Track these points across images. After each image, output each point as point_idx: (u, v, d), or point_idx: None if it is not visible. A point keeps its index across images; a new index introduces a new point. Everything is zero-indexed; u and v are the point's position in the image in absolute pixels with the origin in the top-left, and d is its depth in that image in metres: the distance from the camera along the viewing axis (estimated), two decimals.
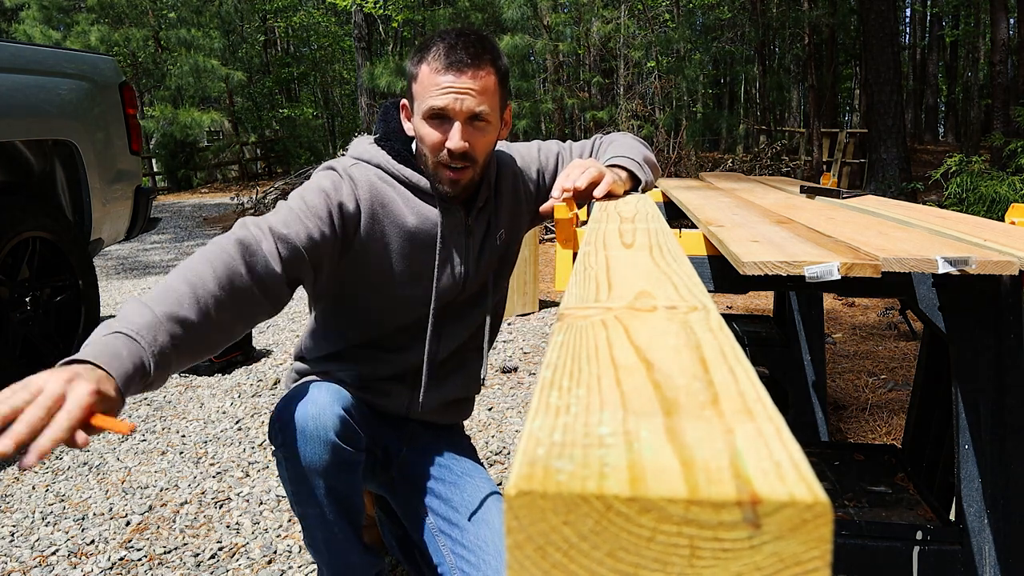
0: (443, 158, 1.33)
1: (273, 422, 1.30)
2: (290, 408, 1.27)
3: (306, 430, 1.25)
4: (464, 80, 1.28)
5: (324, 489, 1.29)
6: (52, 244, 3.27)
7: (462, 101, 1.29)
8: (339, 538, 1.36)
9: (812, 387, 2.42)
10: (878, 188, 9.19)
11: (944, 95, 24.43)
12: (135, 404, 3.14)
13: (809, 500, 0.25)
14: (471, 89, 1.29)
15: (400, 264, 1.41)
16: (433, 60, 1.30)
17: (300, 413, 1.25)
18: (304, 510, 1.33)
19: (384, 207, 1.38)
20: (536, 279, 4.64)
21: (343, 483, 1.31)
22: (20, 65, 3.10)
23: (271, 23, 20.53)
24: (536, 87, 13.60)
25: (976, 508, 1.19)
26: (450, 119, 1.30)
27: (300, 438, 1.25)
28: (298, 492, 1.31)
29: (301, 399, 1.27)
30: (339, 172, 1.38)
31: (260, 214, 9.56)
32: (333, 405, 1.26)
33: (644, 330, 0.47)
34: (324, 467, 1.26)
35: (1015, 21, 12.12)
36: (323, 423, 1.24)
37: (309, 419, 1.25)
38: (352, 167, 1.39)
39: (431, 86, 1.30)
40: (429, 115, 1.31)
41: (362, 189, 1.37)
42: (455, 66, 1.28)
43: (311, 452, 1.25)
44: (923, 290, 1.20)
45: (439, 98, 1.29)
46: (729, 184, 2.44)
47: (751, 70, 18.00)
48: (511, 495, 0.26)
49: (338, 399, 1.27)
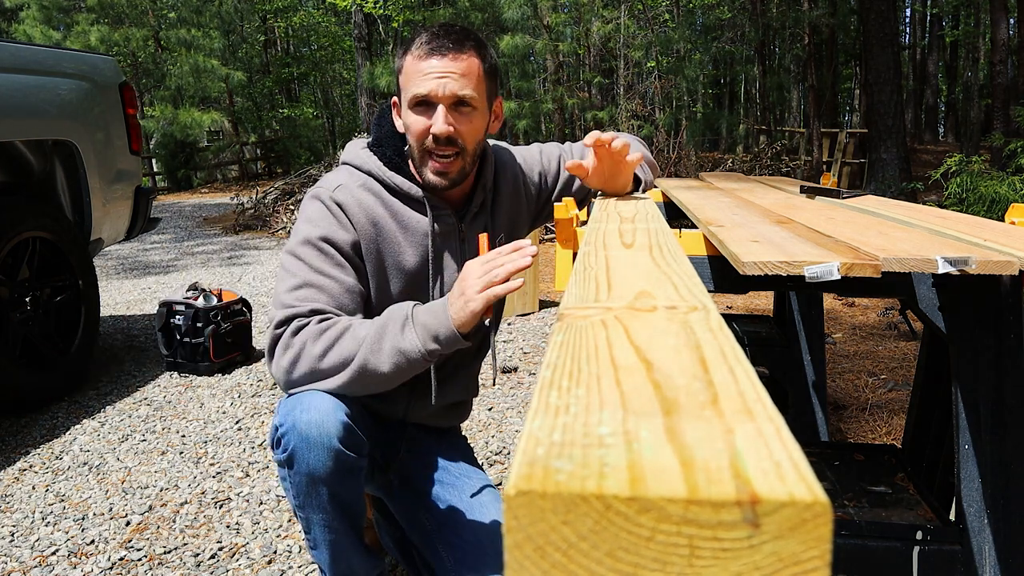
0: (428, 144, 1.32)
1: (275, 429, 1.29)
2: (292, 415, 1.26)
3: (310, 437, 1.24)
4: (446, 63, 1.28)
5: (328, 495, 1.28)
6: (52, 244, 3.28)
7: (444, 84, 1.28)
8: (342, 542, 1.36)
9: (812, 387, 2.41)
10: (878, 188, 9.18)
11: (944, 95, 24.44)
12: (135, 404, 3.14)
13: (808, 500, 0.25)
14: (452, 72, 1.28)
15: (396, 278, 1.41)
16: (416, 49, 1.30)
17: (303, 420, 1.24)
18: (308, 515, 1.32)
19: (375, 225, 1.38)
20: (536, 279, 4.64)
21: (346, 489, 1.30)
22: (20, 65, 3.10)
23: (271, 23, 20.53)
24: (536, 87, 13.60)
25: (976, 508, 1.19)
26: (434, 104, 1.30)
27: (304, 445, 1.24)
28: (302, 498, 1.30)
29: (303, 406, 1.26)
30: (325, 204, 1.36)
31: (260, 214, 9.38)
32: (336, 411, 1.25)
33: (644, 330, 0.47)
34: (328, 474, 1.25)
35: (1015, 21, 12.12)
36: (326, 430, 1.23)
37: (313, 426, 1.23)
38: (337, 191, 1.37)
39: (414, 73, 1.30)
40: (414, 102, 1.31)
41: (352, 213, 1.36)
42: (437, 51, 1.29)
43: (315, 459, 1.24)
44: (923, 290, 1.20)
45: (422, 83, 1.29)
46: (729, 184, 2.44)
47: (751, 70, 18.00)
48: (510, 495, 0.26)
49: (340, 405, 1.26)
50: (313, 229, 1.34)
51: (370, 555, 1.44)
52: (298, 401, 1.28)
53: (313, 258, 1.32)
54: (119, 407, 3.12)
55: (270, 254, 7.56)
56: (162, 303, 3.58)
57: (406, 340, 1.21)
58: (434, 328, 1.21)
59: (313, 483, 1.27)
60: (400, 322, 1.23)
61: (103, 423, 2.95)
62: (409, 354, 1.21)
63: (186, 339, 3.48)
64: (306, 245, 1.33)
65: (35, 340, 3.17)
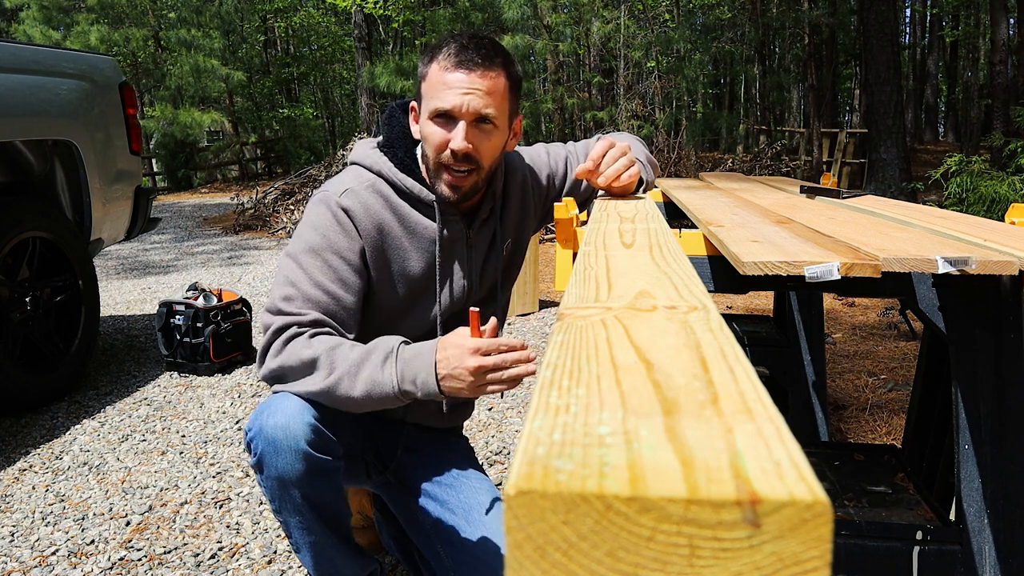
0: (445, 159, 1.31)
1: (246, 434, 1.30)
2: (259, 420, 1.26)
3: (276, 440, 1.23)
4: (473, 79, 1.27)
5: (301, 497, 1.28)
6: (52, 244, 3.28)
7: (468, 101, 1.27)
8: (322, 543, 1.35)
9: (812, 387, 2.41)
10: (878, 188, 9.18)
11: (944, 95, 24.44)
12: (135, 404, 3.14)
13: (809, 499, 0.25)
14: (478, 88, 1.27)
15: (401, 284, 1.40)
16: (443, 59, 1.28)
17: (269, 424, 1.24)
18: (285, 518, 1.33)
19: (381, 232, 1.36)
20: (536, 279, 4.64)
21: (320, 491, 1.30)
22: (20, 65, 3.10)
23: (271, 23, 20.53)
24: (536, 87, 13.60)
25: (976, 508, 1.19)
26: (455, 119, 1.28)
27: (271, 449, 1.24)
28: (277, 502, 1.30)
29: (270, 411, 1.26)
30: (331, 210, 1.35)
31: (260, 214, 9.37)
32: (302, 414, 1.24)
33: (644, 330, 0.47)
34: (298, 476, 1.25)
35: (1015, 21, 12.12)
36: (293, 433, 1.23)
37: (279, 429, 1.23)
38: (344, 195, 1.36)
39: (439, 84, 1.28)
40: (435, 114, 1.29)
41: (358, 219, 1.35)
42: (464, 64, 1.27)
43: (283, 462, 1.24)
44: (923, 290, 1.20)
45: (446, 97, 1.27)
46: (729, 184, 2.44)
47: (751, 70, 18.00)
48: (511, 494, 0.26)
49: (307, 408, 1.25)
50: (318, 238, 1.33)
51: (357, 555, 1.43)
52: (267, 406, 1.27)
53: (315, 270, 1.31)
54: (119, 407, 3.12)
55: (270, 254, 7.56)
56: (162, 303, 3.58)
57: (384, 374, 1.21)
58: (413, 373, 1.20)
59: (284, 486, 1.26)
60: (383, 354, 1.23)
61: (103, 423, 2.95)
62: (383, 387, 1.21)
63: (186, 339, 3.48)
64: (309, 254, 1.32)
65: (35, 340, 3.17)
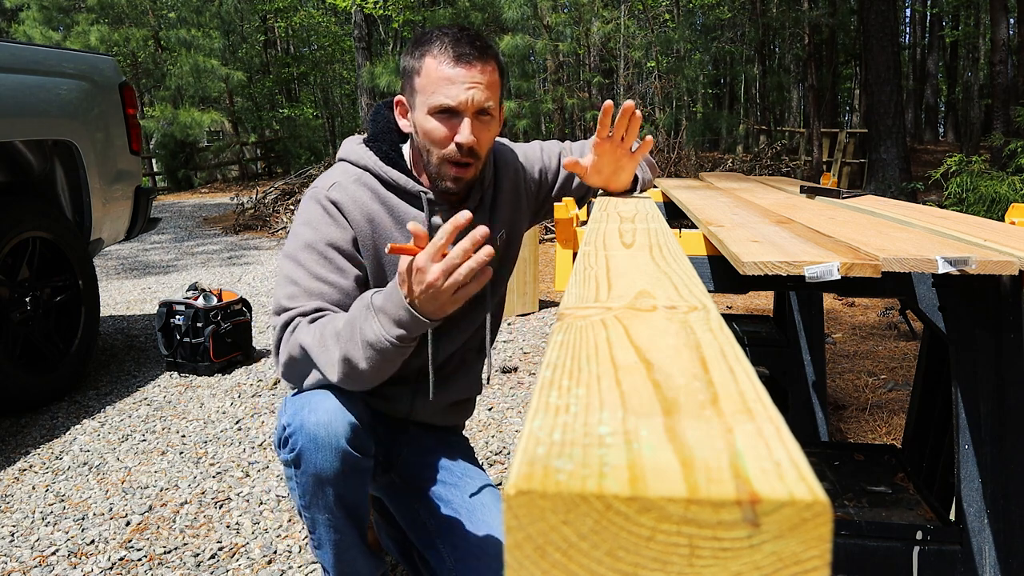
0: (450, 153, 1.32)
1: (282, 429, 1.29)
2: (300, 416, 1.25)
3: (318, 438, 1.23)
4: (474, 74, 1.28)
5: (334, 496, 1.28)
6: (52, 244, 3.28)
7: (472, 96, 1.28)
8: (346, 542, 1.36)
9: (812, 387, 2.41)
10: (878, 188, 9.19)
11: (944, 95, 24.43)
12: (135, 404, 3.14)
13: (808, 499, 0.25)
14: (479, 83, 1.28)
15: (392, 273, 1.40)
16: (439, 54, 1.28)
17: (311, 421, 1.24)
18: (313, 515, 1.32)
19: (371, 221, 1.38)
20: (536, 279, 4.64)
21: (352, 489, 1.30)
22: (20, 65, 3.10)
23: (271, 23, 20.52)
24: (536, 87, 13.60)
25: (976, 508, 1.19)
26: (460, 114, 1.29)
27: (312, 446, 1.24)
28: (308, 498, 1.30)
29: (310, 407, 1.26)
30: (321, 204, 1.36)
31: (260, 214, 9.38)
32: (344, 412, 1.25)
33: (644, 330, 0.47)
34: (335, 474, 1.25)
35: (1015, 21, 12.12)
36: (334, 431, 1.23)
37: (321, 427, 1.23)
38: (332, 189, 1.37)
39: (439, 80, 1.28)
40: (437, 110, 1.30)
41: (347, 210, 1.36)
42: (464, 59, 1.27)
43: (323, 460, 1.24)
44: (923, 290, 1.20)
45: (449, 92, 1.28)
46: (729, 184, 2.44)
47: (751, 70, 18.00)
48: (511, 494, 0.26)
49: (347, 406, 1.26)
50: (311, 233, 1.34)
51: (373, 555, 1.44)
52: (306, 401, 1.27)
53: (312, 263, 1.31)
54: (119, 407, 3.12)
55: (270, 254, 7.56)
56: (162, 303, 3.58)
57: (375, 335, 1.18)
58: (395, 318, 1.16)
59: (320, 484, 1.26)
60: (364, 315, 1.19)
61: (103, 423, 2.95)
62: (376, 345, 1.17)
63: (186, 339, 3.48)
64: (305, 250, 1.33)
65: (35, 340, 3.17)
